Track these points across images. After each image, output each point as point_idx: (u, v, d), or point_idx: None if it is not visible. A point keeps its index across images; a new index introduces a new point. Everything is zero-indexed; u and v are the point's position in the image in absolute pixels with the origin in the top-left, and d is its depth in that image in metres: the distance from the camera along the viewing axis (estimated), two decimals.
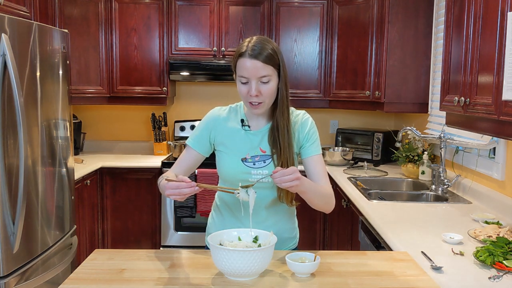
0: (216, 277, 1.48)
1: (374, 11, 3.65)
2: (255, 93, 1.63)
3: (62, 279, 2.29)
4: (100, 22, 3.94)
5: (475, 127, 2.01)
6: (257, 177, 1.73)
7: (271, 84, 1.65)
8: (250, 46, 1.63)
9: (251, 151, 1.75)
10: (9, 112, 2.23)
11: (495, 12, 1.76)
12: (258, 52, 1.62)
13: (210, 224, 1.93)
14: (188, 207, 3.79)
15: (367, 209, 2.49)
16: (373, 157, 3.94)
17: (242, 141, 1.76)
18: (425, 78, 3.54)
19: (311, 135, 1.79)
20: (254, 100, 1.66)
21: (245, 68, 1.63)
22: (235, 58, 1.67)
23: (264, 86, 1.64)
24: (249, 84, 1.64)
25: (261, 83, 1.64)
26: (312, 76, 4.09)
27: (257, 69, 1.62)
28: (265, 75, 1.63)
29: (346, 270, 1.57)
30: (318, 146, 1.81)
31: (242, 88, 1.67)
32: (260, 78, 1.63)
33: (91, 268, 1.56)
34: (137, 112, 4.49)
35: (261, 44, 1.64)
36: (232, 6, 3.99)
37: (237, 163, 1.74)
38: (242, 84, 1.66)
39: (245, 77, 1.64)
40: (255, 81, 1.63)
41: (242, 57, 1.63)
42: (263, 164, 1.74)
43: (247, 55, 1.62)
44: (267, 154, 1.74)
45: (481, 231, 2.00)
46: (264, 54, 1.62)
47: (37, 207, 2.50)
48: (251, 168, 1.73)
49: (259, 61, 1.61)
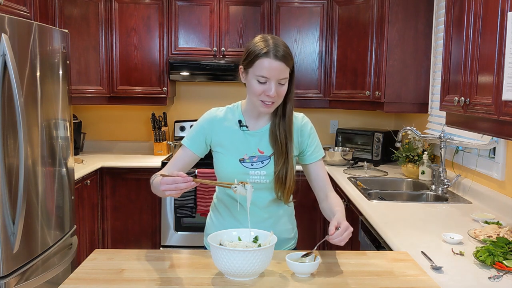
0: (216, 277, 1.48)
1: (374, 11, 3.65)
2: (274, 94, 1.62)
3: (62, 279, 2.29)
4: (100, 22, 3.94)
5: (475, 127, 2.01)
6: (255, 177, 1.72)
7: (286, 85, 1.66)
8: (273, 47, 1.62)
9: (249, 151, 1.74)
10: (9, 112, 2.23)
11: (495, 12, 1.76)
12: (282, 54, 1.61)
13: (208, 224, 1.93)
14: (188, 207, 3.79)
15: (367, 209, 2.49)
16: (373, 157, 3.94)
17: (239, 142, 1.75)
18: (425, 78, 3.54)
19: (312, 140, 1.80)
20: (268, 100, 1.65)
21: (269, 68, 1.61)
22: (254, 56, 1.63)
23: (280, 88, 1.65)
24: (268, 84, 1.63)
25: (279, 84, 1.64)
26: (312, 76, 4.09)
27: (280, 71, 1.62)
28: (285, 77, 1.65)
29: (346, 270, 1.57)
30: (320, 149, 1.83)
31: (258, 87, 1.64)
32: (280, 80, 1.63)
33: (91, 268, 1.56)
34: (137, 112, 4.49)
35: (283, 46, 1.64)
36: (232, 6, 3.99)
37: (234, 163, 1.74)
38: (259, 83, 1.64)
39: (266, 77, 1.62)
40: (275, 82, 1.63)
41: (265, 57, 1.61)
42: (261, 165, 1.73)
43: (271, 55, 1.61)
44: (265, 155, 1.74)
45: (481, 231, 2.00)
46: (287, 57, 1.63)
47: (37, 207, 2.50)
48: (249, 168, 1.73)
49: (283, 63, 1.62)
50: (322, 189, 1.81)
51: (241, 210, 1.72)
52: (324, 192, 1.81)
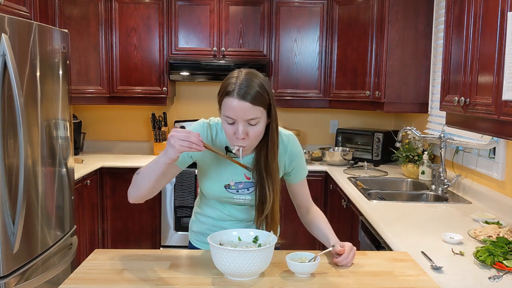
0: (216, 277, 1.48)
1: (374, 11, 3.65)
2: (242, 136, 1.51)
3: (62, 279, 2.29)
4: (100, 22, 3.94)
5: (475, 127, 2.01)
6: (240, 201, 1.72)
7: (259, 126, 1.53)
8: (239, 85, 1.48)
9: (235, 177, 1.70)
10: (9, 112, 2.23)
11: (495, 12, 1.76)
12: (247, 92, 1.47)
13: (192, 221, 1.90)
14: (188, 207, 3.79)
15: (367, 209, 2.49)
16: (373, 157, 3.94)
17: (225, 168, 1.69)
18: (425, 78, 3.54)
19: (299, 162, 1.75)
20: (240, 144, 1.53)
21: (232, 109, 1.48)
22: (221, 95, 1.53)
23: (251, 128, 1.52)
24: (235, 125, 1.51)
25: (249, 125, 1.52)
26: (312, 76, 4.09)
27: (245, 111, 1.48)
28: (254, 117, 1.50)
29: (346, 270, 1.57)
30: (305, 168, 1.80)
31: (228, 128, 1.53)
32: (249, 121, 1.50)
33: (91, 268, 1.56)
34: (137, 112, 4.49)
35: (249, 81, 1.49)
36: (232, 6, 3.99)
37: (219, 189, 1.70)
38: (227, 124, 1.53)
39: (231, 118, 1.50)
40: (243, 123, 1.50)
41: (228, 96, 1.49)
42: (247, 192, 1.70)
43: (235, 94, 1.48)
44: (251, 181, 1.69)
45: (481, 231, 2.00)
46: (252, 94, 1.48)
47: (37, 207, 2.50)
48: (233, 194, 1.71)
49: (247, 102, 1.47)
50: (304, 205, 1.84)
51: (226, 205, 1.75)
52: (305, 208, 1.84)
